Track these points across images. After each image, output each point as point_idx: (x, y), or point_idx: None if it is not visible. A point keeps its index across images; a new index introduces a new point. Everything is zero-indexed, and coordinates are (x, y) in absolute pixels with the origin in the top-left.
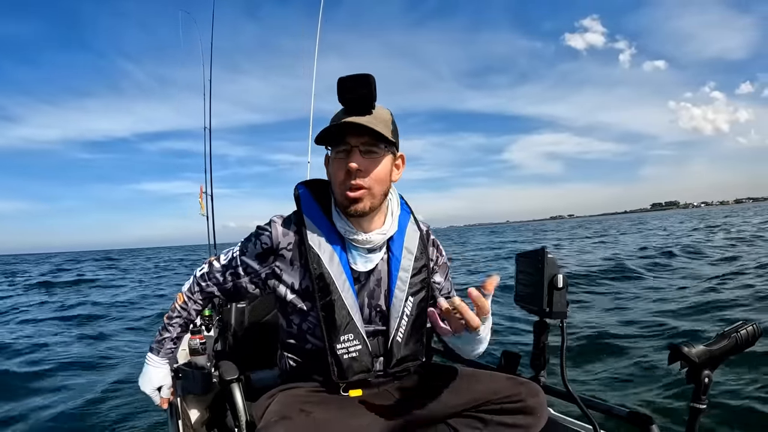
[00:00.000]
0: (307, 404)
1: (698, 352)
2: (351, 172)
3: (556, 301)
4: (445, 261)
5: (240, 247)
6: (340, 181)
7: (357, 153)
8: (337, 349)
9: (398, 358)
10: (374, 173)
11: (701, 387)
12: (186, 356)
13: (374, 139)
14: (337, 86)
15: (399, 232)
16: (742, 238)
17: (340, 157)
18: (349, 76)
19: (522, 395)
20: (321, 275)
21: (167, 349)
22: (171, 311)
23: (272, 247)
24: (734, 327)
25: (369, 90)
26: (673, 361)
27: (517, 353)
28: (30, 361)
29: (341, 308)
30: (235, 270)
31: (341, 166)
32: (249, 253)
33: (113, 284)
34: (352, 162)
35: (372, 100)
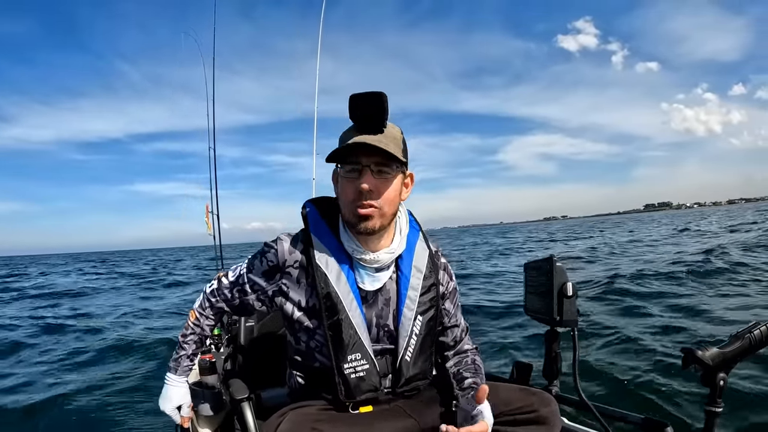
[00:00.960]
0: (318, 422)
1: (712, 355)
2: (362, 192)
3: (566, 310)
4: (455, 286)
5: (247, 264)
6: (350, 200)
7: (368, 173)
8: (344, 368)
9: (407, 378)
10: (385, 194)
11: (716, 390)
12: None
13: (386, 159)
14: (348, 103)
15: (408, 250)
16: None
17: (351, 176)
18: (361, 93)
19: (534, 405)
20: (328, 294)
21: (184, 367)
22: (185, 329)
23: (278, 264)
24: (747, 328)
25: (381, 109)
26: (687, 365)
27: (529, 364)
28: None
29: (348, 327)
30: (242, 287)
31: (352, 185)
32: (256, 271)
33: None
34: (364, 183)
35: (384, 119)
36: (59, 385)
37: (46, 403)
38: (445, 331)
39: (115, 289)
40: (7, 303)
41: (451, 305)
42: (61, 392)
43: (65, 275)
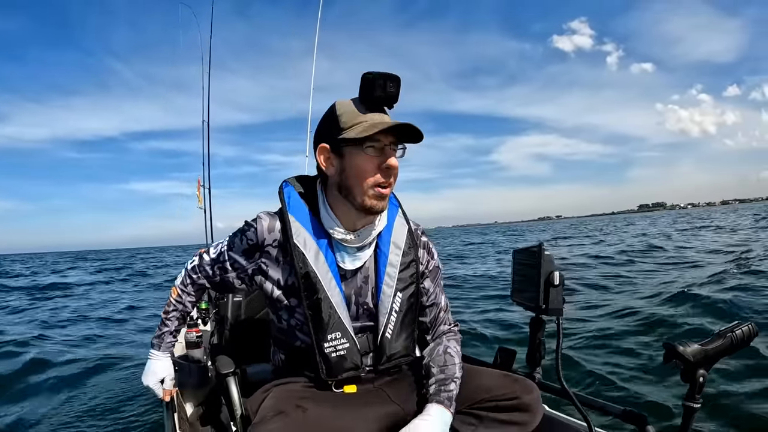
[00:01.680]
0: (303, 400)
1: (693, 351)
2: (389, 169)
3: (552, 298)
4: (437, 265)
5: (227, 241)
6: (371, 179)
7: (391, 151)
8: (324, 347)
9: (388, 355)
10: (398, 173)
11: (696, 386)
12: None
13: (397, 140)
14: (365, 82)
15: (387, 227)
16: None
17: (371, 153)
18: (380, 73)
19: (517, 392)
20: (307, 274)
21: (167, 343)
22: (167, 305)
23: (257, 243)
24: (730, 327)
25: (398, 91)
26: (669, 360)
27: (512, 350)
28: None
29: (328, 307)
30: (222, 264)
31: (374, 162)
32: (236, 249)
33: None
34: (393, 160)
35: (396, 101)
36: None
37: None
38: (424, 310)
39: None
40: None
41: (431, 284)
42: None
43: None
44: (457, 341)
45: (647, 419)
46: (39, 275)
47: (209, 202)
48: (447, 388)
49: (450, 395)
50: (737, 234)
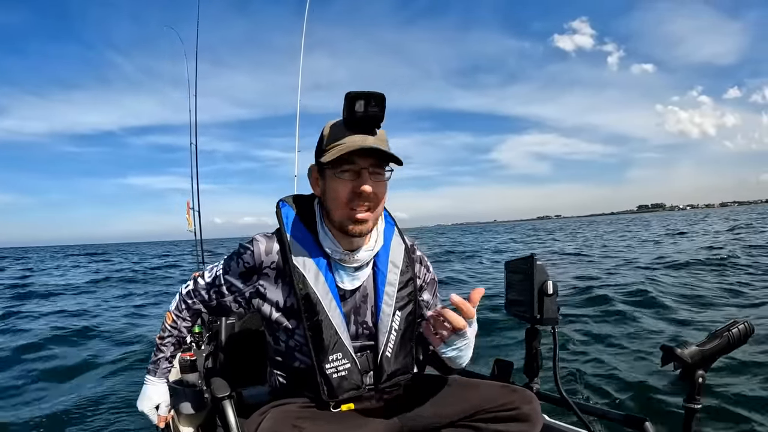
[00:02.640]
0: (300, 420)
1: (691, 353)
2: (362, 194)
3: (547, 308)
4: (433, 277)
5: (223, 265)
6: (345, 202)
7: (366, 175)
8: (326, 368)
9: (388, 373)
10: (380, 195)
11: (695, 387)
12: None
13: (379, 162)
14: (347, 101)
15: (384, 246)
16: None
17: (345, 177)
18: (363, 93)
19: (515, 403)
20: (307, 295)
21: (163, 369)
22: (162, 331)
23: (255, 266)
24: (726, 326)
25: (381, 110)
26: (667, 362)
27: (509, 361)
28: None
29: (329, 328)
30: (218, 288)
31: (347, 186)
32: (232, 272)
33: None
34: (366, 185)
35: (381, 121)
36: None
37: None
38: (421, 324)
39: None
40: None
41: (429, 296)
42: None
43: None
44: None
45: (647, 422)
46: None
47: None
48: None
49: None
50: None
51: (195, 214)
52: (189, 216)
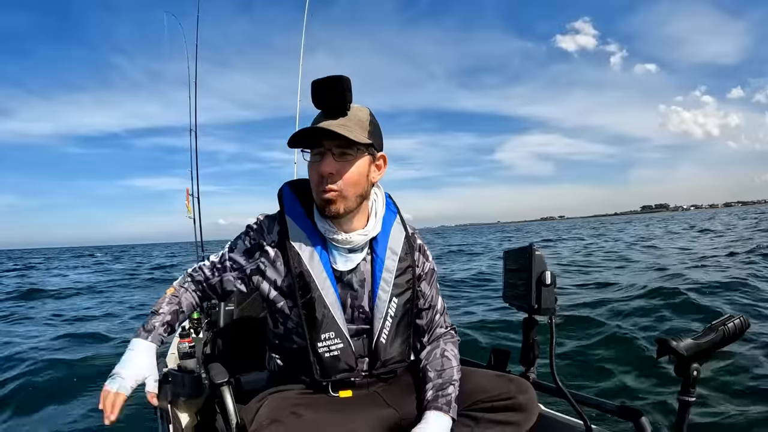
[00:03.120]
0: (298, 406)
1: (686, 346)
2: (323, 176)
3: (545, 298)
4: (432, 268)
5: (230, 245)
6: (315, 184)
7: (330, 156)
8: (318, 347)
9: (383, 360)
10: (347, 176)
11: (690, 380)
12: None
13: (348, 143)
14: (311, 90)
15: (383, 232)
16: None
17: (314, 160)
18: (321, 79)
19: (512, 392)
20: (301, 273)
21: (157, 334)
22: (160, 300)
23: (258, 243)
24: (721, 320)
25: (341, 93)
26: (662, 355)
27: (506, 350)
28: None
29: (321, 306)
30: (222, 265)
31: (315, 169)
32: (238, 250)
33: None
34: (325, 166)
35: (345, 103)
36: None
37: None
38: (420, 313)
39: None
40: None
41: (428, 286)
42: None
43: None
44: (454, 344)
45: (642, 413)
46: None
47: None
48: (445, 392)
49: (448, 399)
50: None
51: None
52: (188, 202)
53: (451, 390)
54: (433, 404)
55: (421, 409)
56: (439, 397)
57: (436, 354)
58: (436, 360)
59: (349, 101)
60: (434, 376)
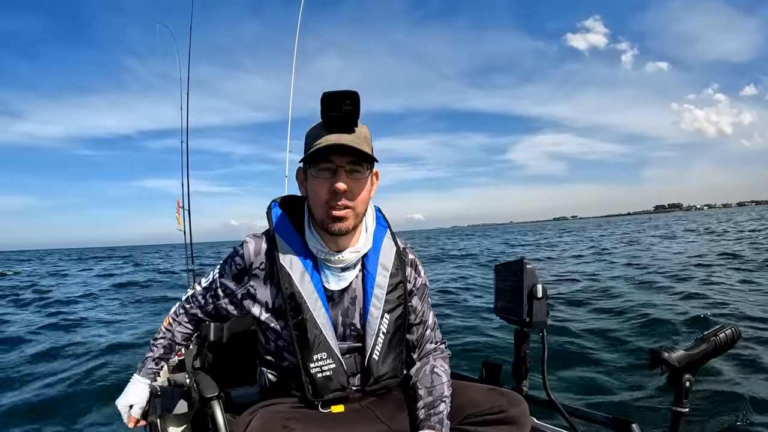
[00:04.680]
0: (289, 421)
1: (678, 357)
2: (337, 192)
3: (536, 311)
4: (424, 283)
5: (219, 269)
6: (324, 200)
7: (343, 173)
8: (310, 367)
9: (376, 377)
10: (358, 193)
11: (683, 391)
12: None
13: (359, 159)
14: (321, 102)
15: (374, 248)
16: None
17: (323, 176)
18: (335, 92)
19: (504, 406)
20: (292, 294)
21: (148, 369)
22: (157, 333)
23: (245, 267)
24: (713, 330)
25: (355, 108)
26: (654, 366)
27: (498, 364)
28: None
29: (313, 327)
30: (215, 292)
31: (325, 185)
32: (227, 275)
33: None
34: (340, 183)
35: (357, 119)
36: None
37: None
38: (411, 328)
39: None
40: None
41: (419, 301)
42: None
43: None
44: (444, 359)
45: (633, 424)
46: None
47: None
48: (436, 410)
49: (440, 417)
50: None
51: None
52: (179, 215)
53: (443, 407)
54: (425, 423)
55: (414, 427)
56: (431, 416)
57: (426, 371)
58: (426, 377)
59: (358, 117)
60: (424, 393)
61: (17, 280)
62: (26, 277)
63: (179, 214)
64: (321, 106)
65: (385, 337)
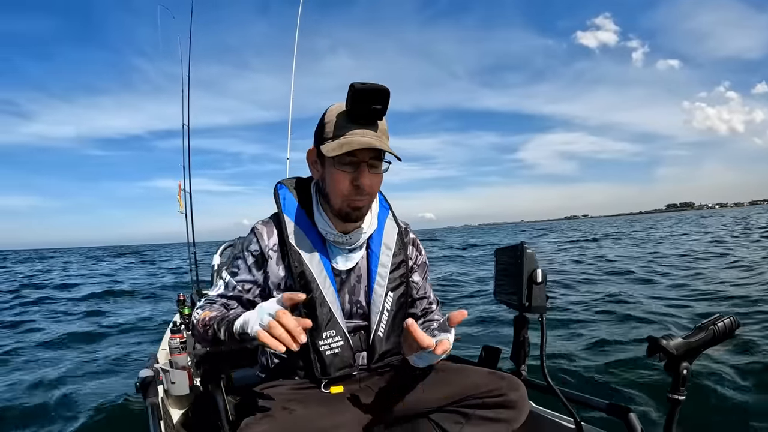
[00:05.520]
0: (290, 402)
1: (676, 344)
2: (360, 187)
3: (536, 296)
4: (425, 260)
5: (230, 270)
6: (346, 193)
7: (366, 169)
8: (319, 345)
9: (380, 353)
10: (376, 186)
11: (680, 378)
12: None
13: (380, 154)
14: (351, 93)
15: (377, 229)
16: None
17: (346, 170)
18: (368, 87)
19: (503, 389)
20: (302, 273)
21: (231, 318)
22: (198, 328)
23: (261, 251)
24: (712, 319)
25: (385, 105)
26: (652, 353)
27: (497, 348)
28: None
29: (323, 305)
30: (234, 292)
31: (347, 178)
32: (242, 270)
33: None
34: (365, 179)
35: (384, 115)
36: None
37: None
38: (414, 303)
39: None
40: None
41: (420, 278)
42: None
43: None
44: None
45: (632, 410)
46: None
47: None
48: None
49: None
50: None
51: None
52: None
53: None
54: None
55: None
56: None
57: (434, 323)
58: (437, 320)
59: (385, 113)
60: (439, 319)
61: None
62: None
63: (180, 197)
64: (350, 97)
65: (390, 314)
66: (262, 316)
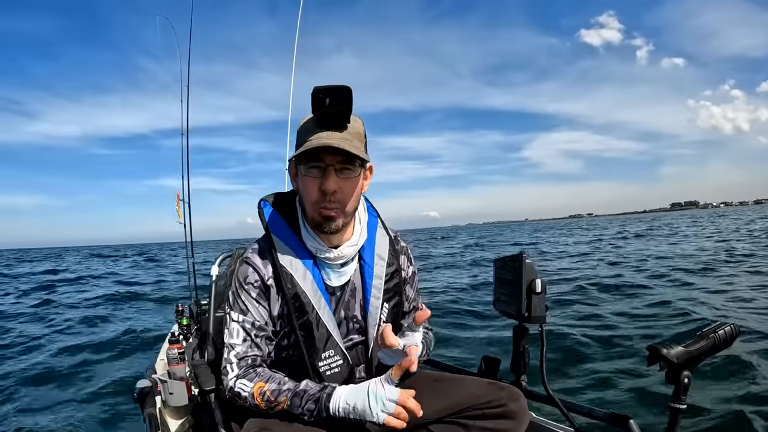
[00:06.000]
0: (288, 414)
1: (677, 353)
2: (326, 192)
3: (535, 306)
4: (414, 271)
5: (239, 308)
6: (314, 200)
7: (332, 173)
8: (319, 366)
9: (377, 367)
10: (348, 192)
11: (680, 387)
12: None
13: (349, 158)
14: (312, 97)
15: (368, 239)
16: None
17: (313, 175)
18: (325, 87)
19: (503, 400)
20: (296, 295)
21: (317, 388)
22: (255, 403)
23: (263, 280)
24: (712, 327)
25: (347, 105)
26: (653, 362)
27: (496, 358)
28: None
29: (320, 326)
30: (258, 331)
31: (314, 184)
32: (252, 305)
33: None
34: (329, 183)
35: (349, 115)
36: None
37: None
38: (404, 316)
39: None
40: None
41: (411, 290)
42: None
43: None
44: (432, 338)
45: (632, 420)
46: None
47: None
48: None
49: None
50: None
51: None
52: (179, 207)
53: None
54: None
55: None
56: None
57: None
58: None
59: (350, 113)
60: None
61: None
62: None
63: (179, 207)
64: (312, 100)
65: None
66: (382, 401)
